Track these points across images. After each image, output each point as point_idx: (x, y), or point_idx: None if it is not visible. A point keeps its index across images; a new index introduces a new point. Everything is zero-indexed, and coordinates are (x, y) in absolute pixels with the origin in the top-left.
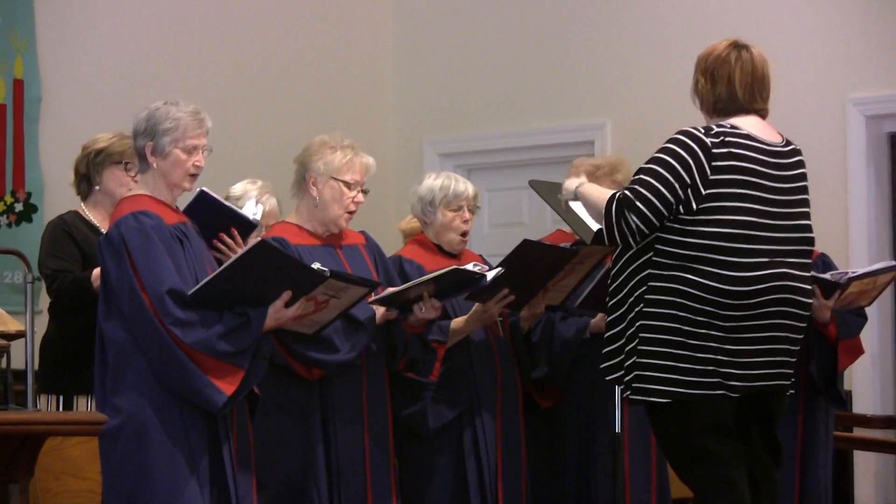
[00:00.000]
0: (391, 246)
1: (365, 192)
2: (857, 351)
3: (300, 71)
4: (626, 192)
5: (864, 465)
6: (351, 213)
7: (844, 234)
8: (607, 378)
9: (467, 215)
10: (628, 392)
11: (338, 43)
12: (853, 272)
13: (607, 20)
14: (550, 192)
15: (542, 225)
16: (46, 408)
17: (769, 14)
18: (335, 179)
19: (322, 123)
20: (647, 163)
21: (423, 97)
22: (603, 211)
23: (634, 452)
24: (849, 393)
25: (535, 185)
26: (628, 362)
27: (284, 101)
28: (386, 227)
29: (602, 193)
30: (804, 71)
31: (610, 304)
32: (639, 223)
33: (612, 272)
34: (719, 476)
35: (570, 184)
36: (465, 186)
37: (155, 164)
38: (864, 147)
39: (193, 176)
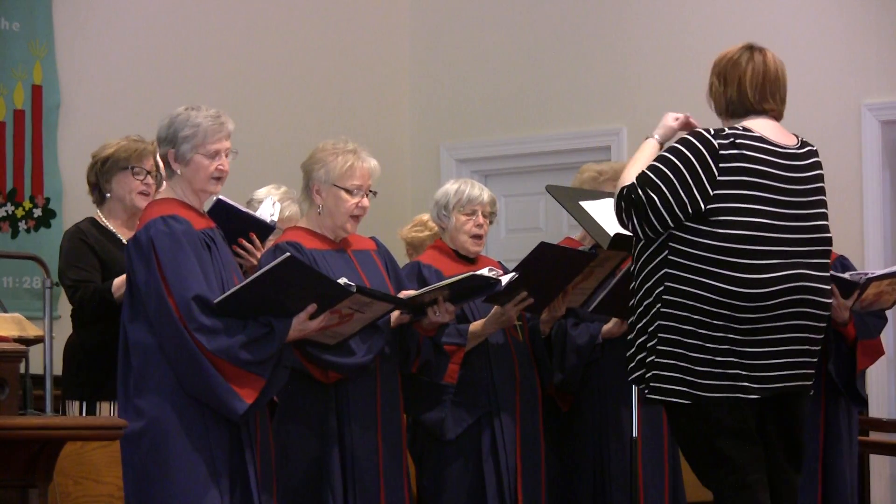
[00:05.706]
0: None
1: (373, 193)
2: (877, 352)
3: (317, 78)
4: (634, 193)
5: (880, 468)
6: (356, 217)
7: (860, 239)
8: (630, 379)
9: (480, 220)
10: (646, 391)
11: (355, 50)
12: (872, 273)
13: (623, 27)
14: (567, 198)
15: (558, 230)
16: (70, 413)
17: (785, 20)
18: (336, 187)
19: (339, 130)
20: (654, 161)
21: (440, 103)
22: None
23: (647, 456)
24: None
25: (552, 191)
26: (648, 360)
27: (301, 108)
28: None
29: (631, 170)
30: (819, 76)
31: (632, 303)
32: (644, 226)
33: (634, 270)
34: (737, 481)
35: (661, 128)
36: (481, 192)
37: (179, 171)
38: (879, 152)
39: (218, 179)
